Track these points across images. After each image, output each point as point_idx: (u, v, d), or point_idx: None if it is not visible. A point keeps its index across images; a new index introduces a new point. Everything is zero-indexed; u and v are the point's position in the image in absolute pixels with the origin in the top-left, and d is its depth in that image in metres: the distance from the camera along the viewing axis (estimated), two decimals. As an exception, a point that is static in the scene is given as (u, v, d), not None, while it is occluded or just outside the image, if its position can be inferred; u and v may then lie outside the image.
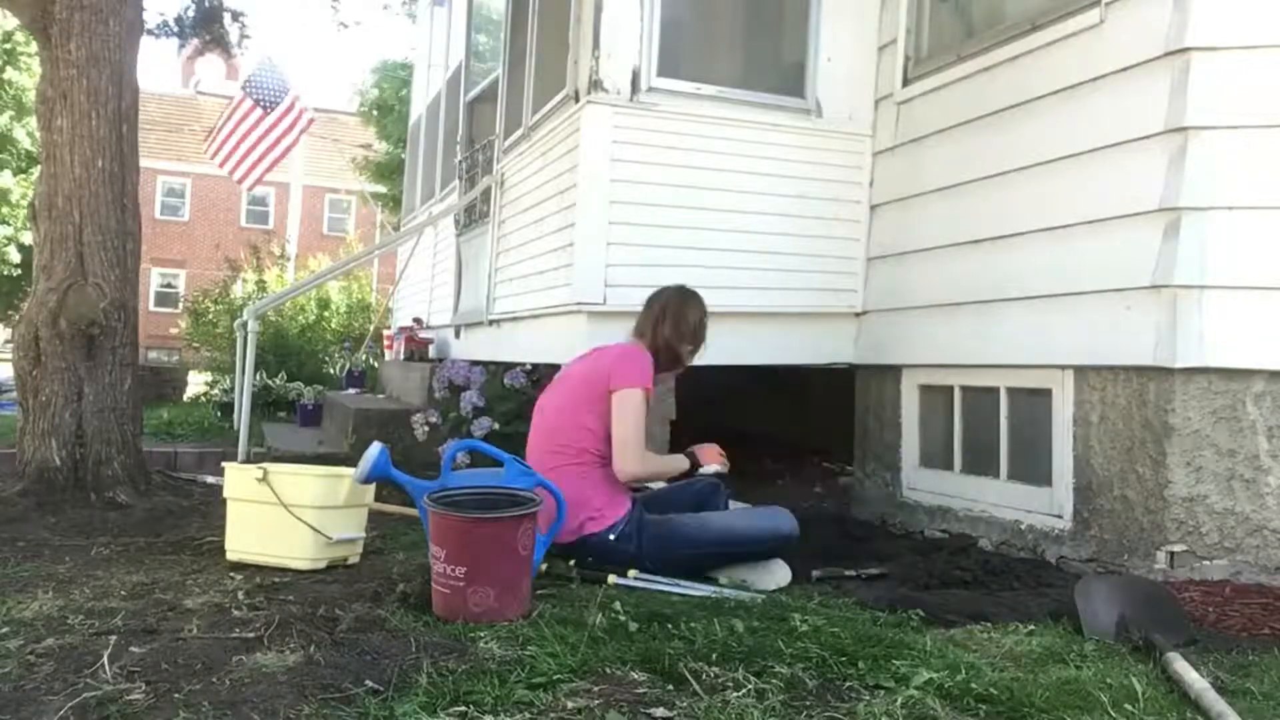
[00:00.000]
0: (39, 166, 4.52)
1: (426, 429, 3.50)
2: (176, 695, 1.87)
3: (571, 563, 3.14)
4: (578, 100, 4.56)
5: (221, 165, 12.93)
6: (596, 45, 4.42)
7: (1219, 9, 3.29)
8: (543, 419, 3.36)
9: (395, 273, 10.35)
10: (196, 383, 11.75)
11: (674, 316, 3.46)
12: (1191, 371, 3.26)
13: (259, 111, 12.66)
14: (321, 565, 3.06)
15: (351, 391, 8.21)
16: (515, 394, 3.62)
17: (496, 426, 3.40)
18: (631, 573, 3.02)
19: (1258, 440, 3.24)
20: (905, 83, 4.68)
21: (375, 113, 17.83)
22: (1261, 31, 3.27)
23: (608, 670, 2.06)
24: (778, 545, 3.27)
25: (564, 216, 4.65)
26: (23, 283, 20.77)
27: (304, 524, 3.01)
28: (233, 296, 11.55)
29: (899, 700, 1.94)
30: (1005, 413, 4.03)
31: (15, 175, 21.14)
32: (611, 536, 3.15)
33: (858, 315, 4.88)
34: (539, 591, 2.75)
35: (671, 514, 3.34)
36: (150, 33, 8.38)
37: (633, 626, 2.38)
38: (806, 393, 5.26)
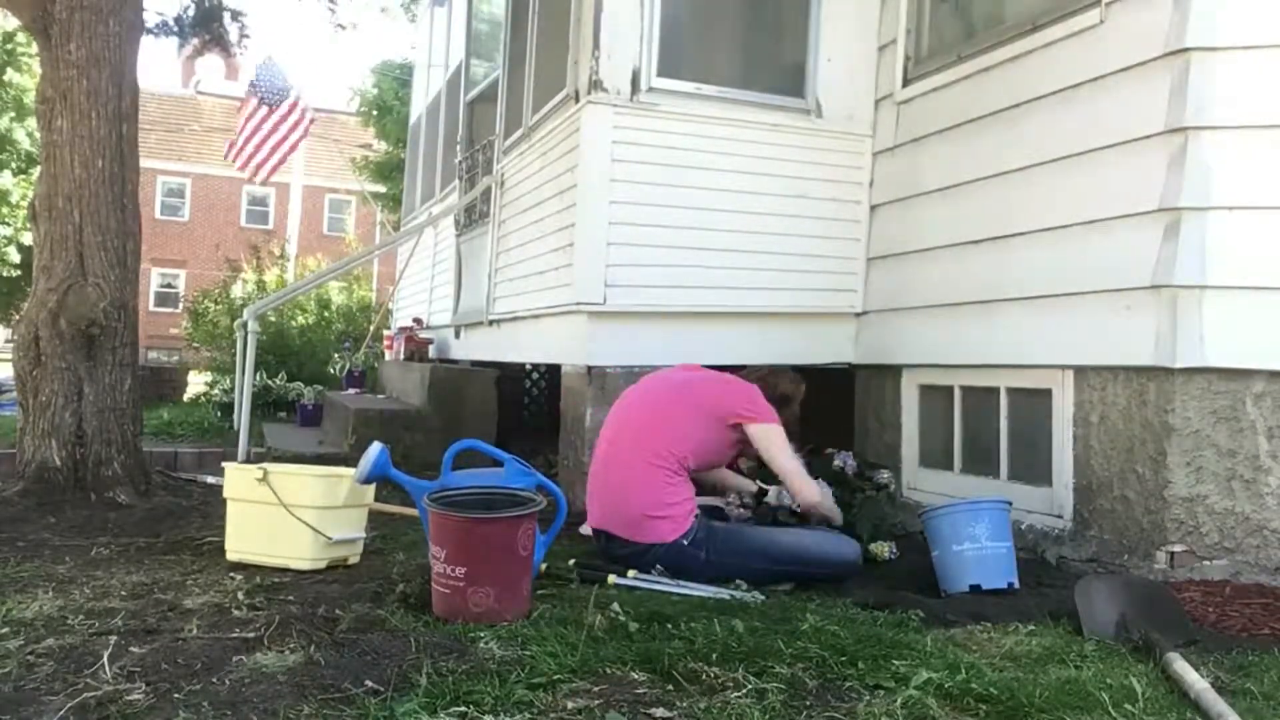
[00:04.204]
0: (39, 167, 4.52)
1: (741, 511, 3.53)
2: (176, 695, 1.87)
3: (572, 562, 3.14)
4: (578, 100, 4.56)
5: (241, 167, 13.16)
6: (596, 45, 4.42)
7: (1218, 9, 3.29)
8: (639, 420, 3.35)
9: (395, 273, 10.35)
10: (196, 383, 11.75)
11: (763, 380, 3.58)
12: (1191, 372, 3.26)
13: (265, 109, 12.80)
14: (321, 565, 3.05)
15: (351, 392, 8.22)
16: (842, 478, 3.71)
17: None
18: (631, 573, 3.02)
19: (1258, 440, 3.24)
20: (905, 83, 4.68)
21: (375, 113, 17.82)
22: (1261, 32, 3.27)
23: (607, 670, 2.06)
24: (841, 570, 3.27)
25: (564, 216, 4.65)
26: (23, 283, 20.77)
27: (304, 524, 3.01)
28: (233, 296, 11.56)
29: (899, 700, 1.94)
30: (1005, 413, 4.03)
31: (15, 175, 21.13)
32: (685, 542, 3.15)
33: (858, 315, 4.88)
34: (539, 591, 2.75)
35: (732, 524, 3.41)
36: (150, 32, 8.37)
37: (633, 626, 2.38)
38: (806, 393, 5.25)
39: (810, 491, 3.36)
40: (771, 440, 3.33)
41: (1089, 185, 3.61)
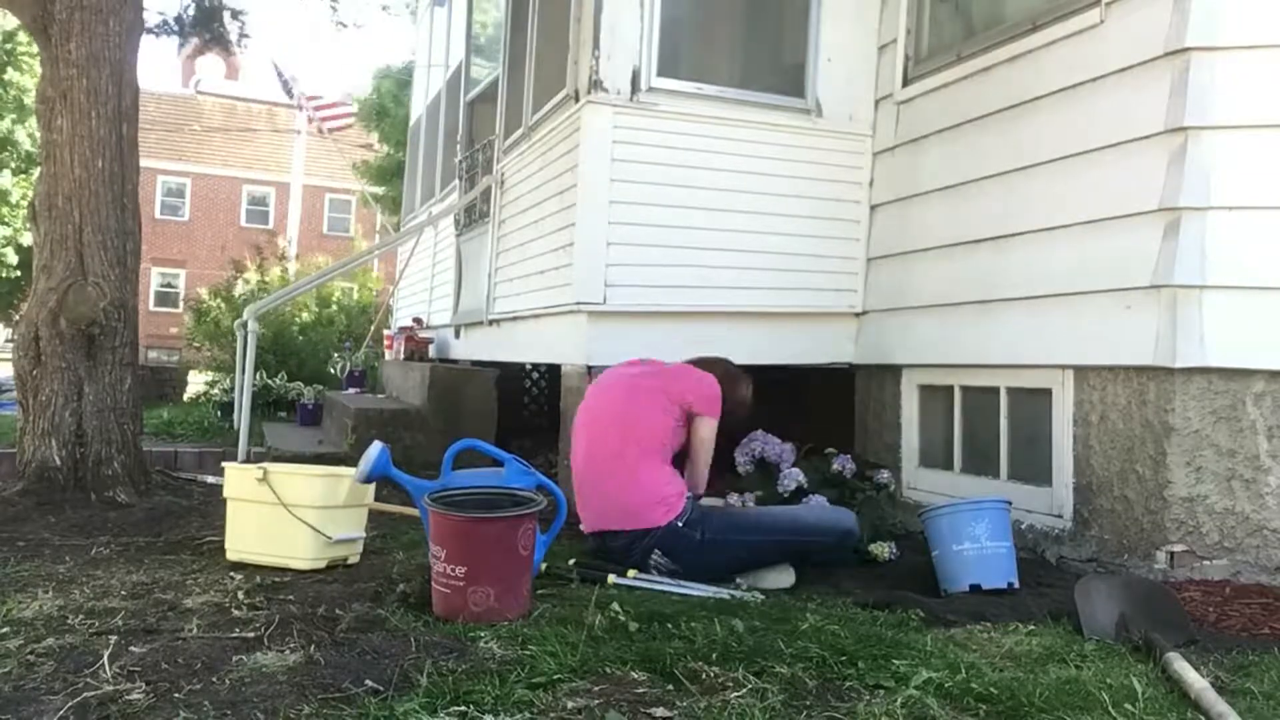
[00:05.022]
0: (39, 166, 4.52)
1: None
2: (176, 695, 1.87)
3: (572, 562, 3.14)
4: (578, 100, 4.56)
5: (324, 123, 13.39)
6: (596, 45, 4.42)
7: (1218, 9, 3.29)
8: (609, 410, 3.38)
9: (396, 272, 10.35)
10: (197, 383, 11.76)
11: (727, 381, 3.55)
12: (1191, 371, 3.26)
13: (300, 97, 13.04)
14: (321, 565, 3.05)
15: (352, 391, 8.22)
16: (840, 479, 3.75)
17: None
18: (631, 573, 3.02)
19: (1258, 440, 3.24)
20: (905, 83, 4.68)
21: (374, 116, 17.84)
22: (1261, 31, 3.27)
23: (608, 670, 2.06)
24: (839, 540, 3.30)
25: (564, 216, 4.65)
26: (22, 283, 20.77)
27: (304, 524, 3.01)
28: (235, 295, 11.57)
29: (899, 700, 1.94)
30: (1005, 413, 4.03)
31: (15, 175, 21.13)
32: (680, 523, 3.17)
33: (858, 315, 4.88)
34: (539, 591, 2.75)
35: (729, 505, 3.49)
36: (150, 32, 8.38)
37: (633, 626, 2.38)
38: (806, 393, 5.26)
39: (703, 484, 3.47)
40: (707, 432, 3.42)
41: (1089, 185, 3.61)
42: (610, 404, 3.41)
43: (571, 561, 3.15)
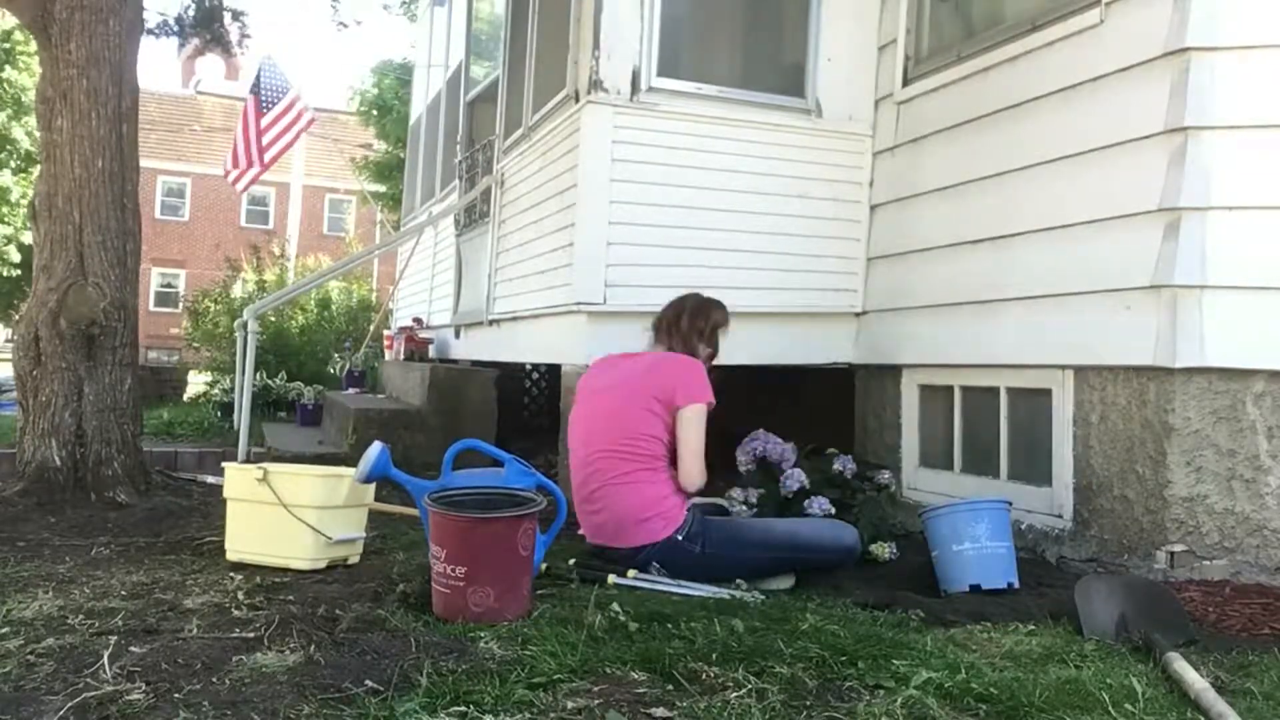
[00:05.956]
0: (39, 166, 4.53)
1: (743, 508, 3.55)
2: (176, 695, 1.87)
3: (572, 562, 3.14)
4: (578, 100, 4.56)
5: (226, 175, 13.01)
6: (596, 45, 4.42)
7: (1218, 9, 3.29)
8: (598, 423, 3.32)
9: (395, 272, 10.35)
10: (196, 383, 11.76)
11: (692, 314, 3.50)
12: (1191, 371, 3.26)
13: (261, 109, 12.65)
14: (321, 565, 3.05)
15: (352, 391, 8.22)
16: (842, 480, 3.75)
17: (833, 511, 3.51)
18: (631, 573, 3.02)
19: (1258, 440, 3.24)
20: (905, 83, 4.68)
21: (374, 113, 17.84)
22: (1261, 31, 3.27)
23: (607, 670, 2.06)
24: (839, 557, 3.26)
25: (564, 216, 4.65)
26: (23, 283, 20.77)
27: (304, 524, 3.01)
28: (233, 296, 11.57)
29: (899, 700, 1.94)
30: (1005, 413, 4.03)
31: (15, 175, 21.14)
32: (680, 537, 3.14)
33: (858, 315, 4.88)
34: (539, 591, 2.75)
35: (730, 516, 3.42)
36: (150, 32, 8.38)
37: (633, 626, 2.38)
38: (806, 393, 5.27)
39: (697, 476, 3.25)
40: (695, 419, 3.25)
41: (1089, 185, 3.61)
42: (602, 413, 3.34)
43: (571, 561, 3.14)
